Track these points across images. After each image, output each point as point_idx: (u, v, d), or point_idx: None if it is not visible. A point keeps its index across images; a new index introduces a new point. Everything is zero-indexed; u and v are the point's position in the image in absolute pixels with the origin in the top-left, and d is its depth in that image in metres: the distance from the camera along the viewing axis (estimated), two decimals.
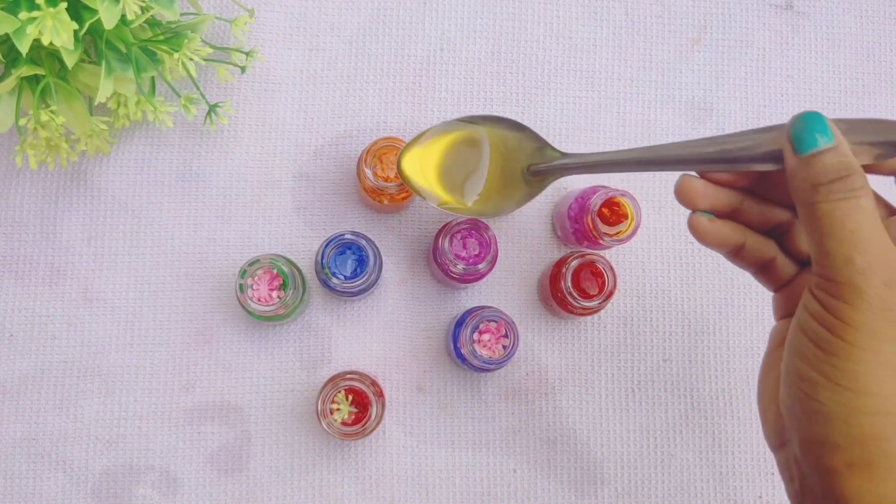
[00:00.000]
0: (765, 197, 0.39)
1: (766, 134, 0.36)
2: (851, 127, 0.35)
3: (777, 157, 0.36)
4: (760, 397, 0.38)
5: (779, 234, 0.40)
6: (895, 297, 0.31)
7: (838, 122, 0.35)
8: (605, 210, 0.52)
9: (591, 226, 0.51)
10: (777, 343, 0.39)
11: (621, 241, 0.52)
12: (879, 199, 0.37)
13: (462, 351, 0.50)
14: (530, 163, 0.46)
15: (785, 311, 0.40)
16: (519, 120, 0.57)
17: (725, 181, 0.39)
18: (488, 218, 0.48)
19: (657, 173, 0.58)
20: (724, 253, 0.40)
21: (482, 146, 0.48)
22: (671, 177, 0.58)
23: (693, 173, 0.39)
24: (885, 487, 0.30)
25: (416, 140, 0.48)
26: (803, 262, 0.40)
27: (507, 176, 0.47)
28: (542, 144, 0.47)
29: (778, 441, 0.36)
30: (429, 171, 0.48)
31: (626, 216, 0.52)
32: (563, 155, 0.45)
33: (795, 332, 0.34)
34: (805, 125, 0.34)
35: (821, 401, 0.32)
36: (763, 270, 0.40)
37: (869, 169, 0.36)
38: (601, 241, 0.51)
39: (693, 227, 0.39)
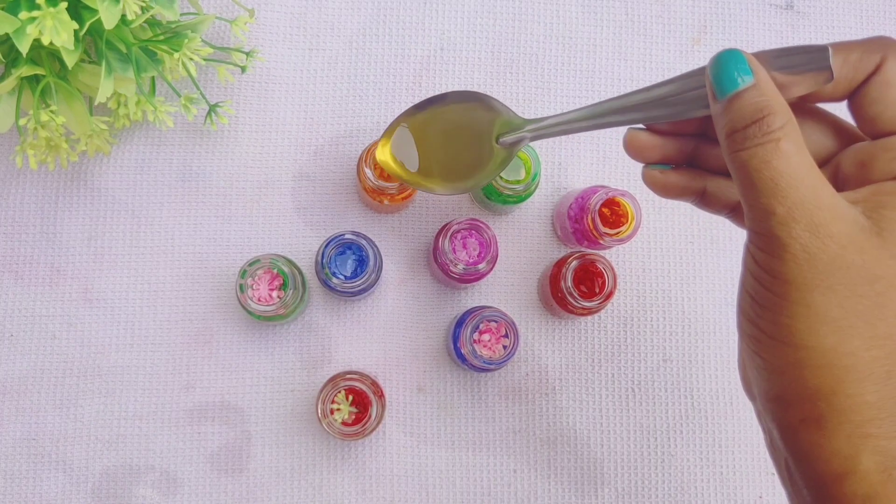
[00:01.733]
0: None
1: (698, 78, 0.35)
2: (785, 55, 0.33)
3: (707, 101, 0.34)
4: (738, 349, 0.36)
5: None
6: (821, 243, 0.29)
7: (767, 52, 0.33)
8: (605, 210, 0.52)
9: (591, 226, 0.51)
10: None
11: (621, 241, 0.52)
12: (835, 126, 0.35)
13: (462, 351, 0.50)
14: (497, 132, 0.45)
15: None
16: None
17: (672, 129, 0.37)
18: (465, 193, 0.48)
19: None
20: (690, 202, 0.39)
21: (450, 125, 0.46)
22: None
23: (641, 126, 0.38)
24: (837, 442, 0.29)
25: (388, 130, 0.47)
26: None
27: (477, 149, 0.46)
28: (502, 112, 0.45)
29: (750, 393, 0.35)
30: (400, 157, 0.47)
31: (626, 216, 0.52)
32: (525, 121, 0.43)
33: (739, 289, 0.33)
34: (722, 64, 0.32)
35: (765, 357, 0.31)
36: (734, 212, 0.38)
37: (812, 98, 0.34)
38: (601, 241, 0.51)
39: (647, 181, 0.38)
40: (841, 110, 0.36)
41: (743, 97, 0.31)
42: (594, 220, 0.51)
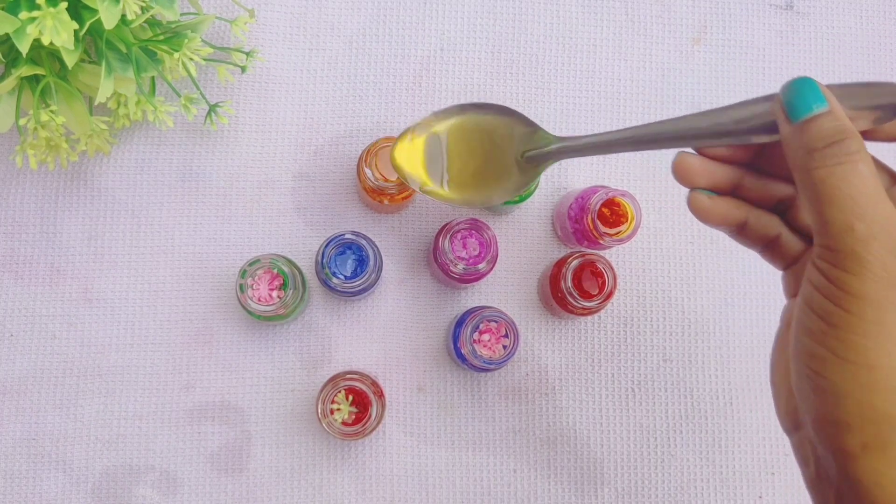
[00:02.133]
0: (766, 171, 0.38)
1: (760, 104, 0.35)
2: (846, 92, 0.34)
3: (772, 127, 0.34)
4: (773, 379, 0.36)
5: (783, 210, 0.38)
6: None
7: (832, 87, 0.34)
8: (605, 210, 0.52)
9: (591, 226, 0.51)
10: (788, 322, 0.37)
11: (621, 241, 0.52)
12: (881, 167, 0.36)
13: (462, 351, 0.50)
14: (524, 149, 0.44)
15: (794, 290, 0.38)
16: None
17: (723, 156, 0.37)
18: (480, 206, 0.47)
19: (657, 172, 0.58)
20: (727, 231, 0.39)
21: (472, 135, 0.45)
22: (670, 175, 0.58)
23: (690, 150, 0.38)
24: None
25: (406, 132, 0.46)
26: (809, 238, 0.38)
27: (499, 164, 0.45)
28: (533, 129, 0.44)
29: (791, 423, 0.35)
30: (417, 162, 0.46)
31: (626, 216, 0.52)
32: (557, 139, 0.43)
33: (801, 307, 0.32)
34: (797, 91, 0.33)
35: (829, 378, 0.30)
36: (769, 248, 0.39)
37: (867, 135, 0.34)
38: (601, 241, 0.51)
39: (692, 206, 0.38)
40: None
41: (819, 121, 0.32)
42: (594, 220, 0.51)
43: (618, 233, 0.51)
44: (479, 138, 0.45)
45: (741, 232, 0.38)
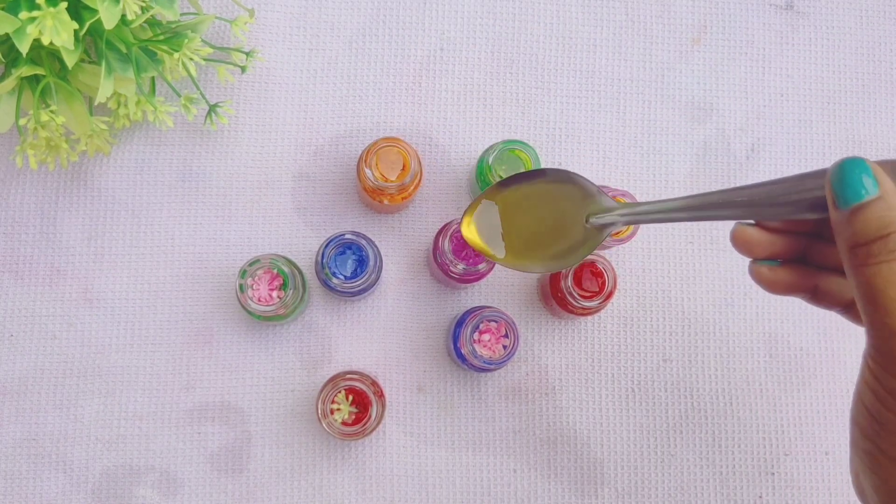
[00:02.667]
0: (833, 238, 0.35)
1: (812, 180, 0.32)
2: None
3: (823, 204, 0.32)
4: (851, 456, 0.34)
5: None
6: None
7: (892, 162, 0.31)
8: None
9: None
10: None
11: (621, 241, 0.52)
12: None
13: (462, 351, 0.50)
14: (588, 213, 0.41)
15: None
16: (522, 123, 0.58)
17: (781, 227, 0.36)
18: (554, 270, 0.45)
19: (657, 172, 0.58)
20: (801, 297, 0.37)
21: (538, 204, 0.43)
22: (670, 176, 0.59)
23: (750, 221, 0.36)
24: None
25: (472, 206, 0.44)
26: None
27: (567, 229, 0.42)
28: (595, 193, 0.42)
29: (863, 498, 0.34)
30: (489, 232, 0.44)
31: None
32: (618, 205, 0.41)
33: (855, 400, 0.31)
34: (844, 174, 0.30)
35: (883, 478, 0.30)
36: (849, 310, 0.37)
37: None
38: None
39: (754, 277, 0.36)
40: None
41: (868, 210, 0.30)
42: None
43: (618, 233, 0.51)
44: (541, 206, 0.43)
45: (815, 297, 0.37)
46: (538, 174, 0.43)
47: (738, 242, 0.36)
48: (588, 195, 0.41)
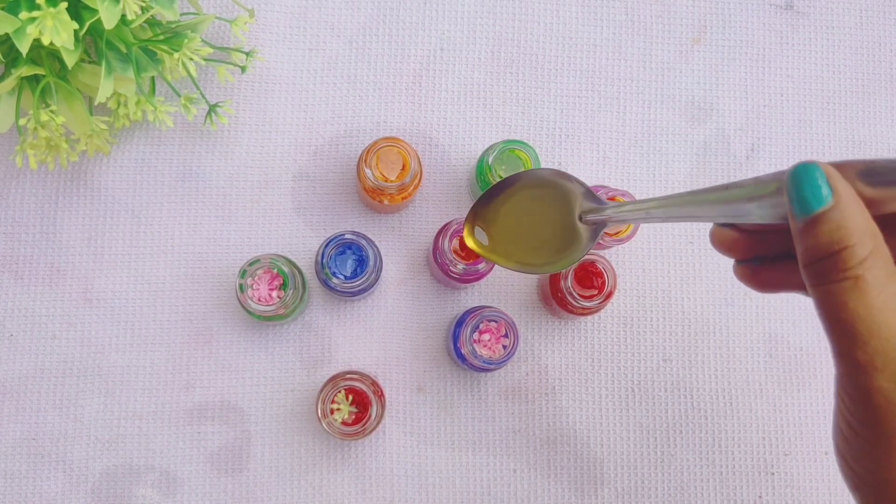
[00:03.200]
0: None
1: (766, 185, 0.30)
2: (873, 166, 0.28)
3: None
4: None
5: None
6: None
7: (856, 163, 0.28)
8: None
9: None
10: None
11: (621, 241, 0.52)
12: None
13: (462, 351, 0.50)
14: (581, 212, 0.41)
15: None
16: (522, 123, 0.58)
17: (759, 227, 0.33)
18: (550, 271, 0.45)
19: (657, 172, 0.58)
20: (797, 293, 0.35)
21: (535, 202, 0.43)
22: (670, 176, 0.59)
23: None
24: None
25: (471, 214, 0.44)
26: None
27: (562, 227, 0.41)
28: (583, 190, 0.41)
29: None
30: (493, 237, 0.43)
31: None
32: (608, 205, 0.40)
33: (833, 421, 0.31)
34: (798, 181, 0.28)
35: (863, 500, 0.30)
36: None
37: None
38: (601, 241, 0.51)
39: (739, 278, 0.35)
40: None
41: (821, 222, 0.27)
42: None
43: (617, 233, 0.51)
44: (540, 205, 0.43)
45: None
46: (531, 174, 0.43)
47: (717, 243, 0.34)
48: (579, 194, 0.41)
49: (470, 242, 0.44)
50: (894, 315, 0.27)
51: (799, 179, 0.28)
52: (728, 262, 0.57)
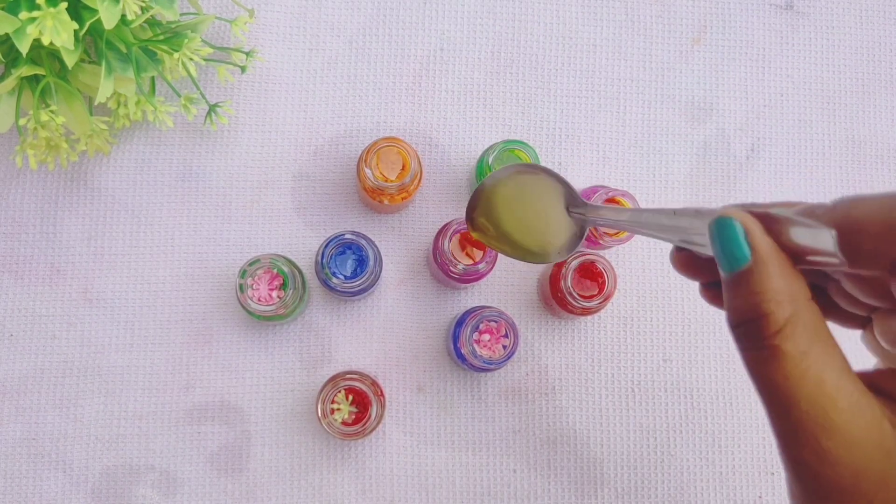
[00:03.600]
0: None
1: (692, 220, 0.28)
2: (800, 219, 0.26)
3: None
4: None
5: (825, 278, 0.31)
6: (831, 472, 0.25)
7: (788, 210, 0.26)
8: None
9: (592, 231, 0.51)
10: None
11: (621, 241, 0.52)
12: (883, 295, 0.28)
13: (462, 351, 0.50)
14: (567, 205, 0.40)
15: (874, 345, 0.32)
16: (522, 123, 0.58)
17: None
18: (555, 262, 0.45)
19: (657, 172, 0.58)
20: None
21: (528, 193, 0.42)
22: (670, 176, 0.59)
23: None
24: None
25: (471, 205, 0.43)
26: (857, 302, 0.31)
27: (554, 218, 0.41)
28: (567, 185, 0.41)
29: None
30: (493, 227, 0.43)
31: None
32: (587, 204, 0.40)
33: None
34: (720, 236, 0.26)
35: None
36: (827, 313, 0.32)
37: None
38: (601, 242, 0.51)
39: (706, 301, 0.32)
40: None
41: (740, 284, 0.26)
42: None
43: (618, 232, 0.51)
44: (533, 196, 0.42)
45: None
46: (517, 166, 0.43)
47: (677, 267, 0.32)
48: (562, 189, 0.40)
49: (475, 235, 0.44)
50: (815, 385, 0.25)
51: (720, 233, 0.26)
52: None
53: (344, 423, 0.50)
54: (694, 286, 0.57)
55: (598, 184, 0.57)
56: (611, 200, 0.51)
